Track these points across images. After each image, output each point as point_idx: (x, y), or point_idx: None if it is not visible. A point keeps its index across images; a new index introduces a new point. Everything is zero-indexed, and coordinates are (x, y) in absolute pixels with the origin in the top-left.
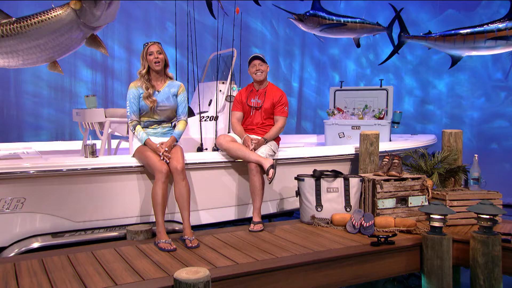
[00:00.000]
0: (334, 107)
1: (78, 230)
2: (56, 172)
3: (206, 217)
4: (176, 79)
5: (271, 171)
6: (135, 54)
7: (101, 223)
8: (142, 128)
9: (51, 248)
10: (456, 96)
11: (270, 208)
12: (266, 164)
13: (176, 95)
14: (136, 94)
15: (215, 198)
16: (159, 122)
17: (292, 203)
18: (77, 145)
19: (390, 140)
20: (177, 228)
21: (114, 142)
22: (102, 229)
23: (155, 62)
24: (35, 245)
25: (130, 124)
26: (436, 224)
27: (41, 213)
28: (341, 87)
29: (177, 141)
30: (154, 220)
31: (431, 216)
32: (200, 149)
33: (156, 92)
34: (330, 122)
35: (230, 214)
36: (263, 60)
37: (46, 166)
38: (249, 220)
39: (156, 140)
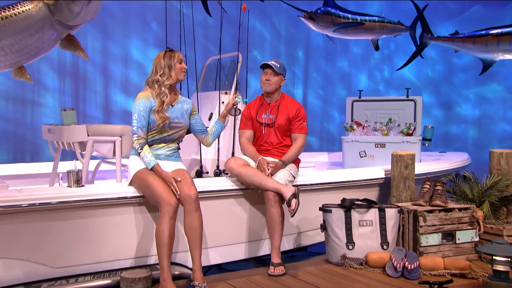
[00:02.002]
0: (352, 121)
1: (58, 279)
2: (31, 207)
3: (212, 256)
4: None
5: (293, 201)
6: (111, 58)
7: (87, 268)
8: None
9: None
10: (484, 108)
11: (285, 244)
12: (287, 192)
13: (190, 113)
14: (147, 106)
15: (222, 234)
16: (166, 141)
17: (312, 238)
18: (43, 167)
19: (420, 161)
20: (177, 273)
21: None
22: (88, 276)
23: (183, 72)
24: None
25: (136, 141)
26: (501, 268)
27: (11, 258)
28: (359, 97)
29: (223, 126)
30: (152, 262)
31: (494, 258)
32: (199, 172)
33: (170, 106)
34: (349, 139)
35: (239, 253)
36: (275, 71)
37: (19, 200)
38: (258, 259)
39: None
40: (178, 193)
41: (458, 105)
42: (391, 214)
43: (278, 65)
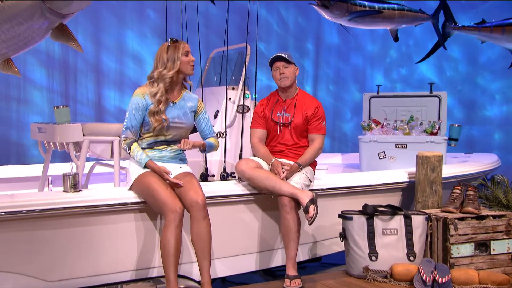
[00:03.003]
0: (370, 119)
1: None
2: (24, 214)
3: (219, 268)
4: None
5: (311, 207)
6: (104, 50)
7: (85, 281)
8: (142, 148)
9: None
10: (511, 109)
11: (300, 254)
12: (304, 198)
13: (194, 112)
14: (142, 105)
15: (230, 243)
16: (168, 143)
17: (329, 247)
18: (30, 170)
19: (445, 163)
20: (182, 287)
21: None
22: None
23: (191, 65)
24: None
25: (123, 142)
26: None
27: (0, 271)
28: (378, 93)
29: (204, 150)
30: (155, 274)
31: None
32: (204, 176)
33: (171, 104)
34: (367, 139)
35: (250, 264)
36: (287, 61)
37: (11, 206)
38: (266, 271)
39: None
40: (181, 183)
41: (483, 105)
42: (418, 221)
43: (287, 55)
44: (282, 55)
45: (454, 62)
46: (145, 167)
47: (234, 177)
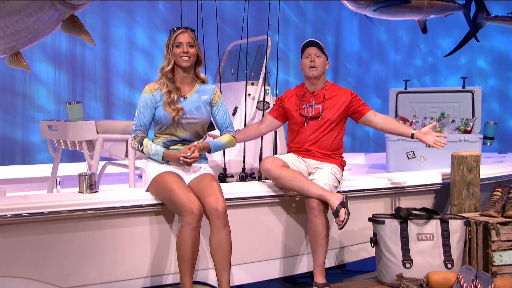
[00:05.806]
0: (397, 116)
1: None
2: (39, 216)
3: (240, 275)
4: None
5: (342, 211)
6: (113, 43)
7: None
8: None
9: None
10: None
11: (326, 261)
12: (334, 201)
13: (210, 104)
14: (150, 101)
15: (252, 248)
16: (183, 142)
17: (356, 254)
18: (38, 170)
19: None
20: None
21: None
22: None
23: (182, 57)
24: None
25: (132, 141)
26: None
27: (13, 276)
28: (405, 88)
29: (209, 152)
30: (171, 281)
31: None
32: (223, 176)
33: (181, 99)
34: (394, 137)
35: (273, 271)
36: (321, 50)
37: (24, 208)
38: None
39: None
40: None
41: None
42: (455, 226)
43: (321, 43)
44: (316, 40)
45: (484, 75)
46: (163, 159)
47: (254, 177)
